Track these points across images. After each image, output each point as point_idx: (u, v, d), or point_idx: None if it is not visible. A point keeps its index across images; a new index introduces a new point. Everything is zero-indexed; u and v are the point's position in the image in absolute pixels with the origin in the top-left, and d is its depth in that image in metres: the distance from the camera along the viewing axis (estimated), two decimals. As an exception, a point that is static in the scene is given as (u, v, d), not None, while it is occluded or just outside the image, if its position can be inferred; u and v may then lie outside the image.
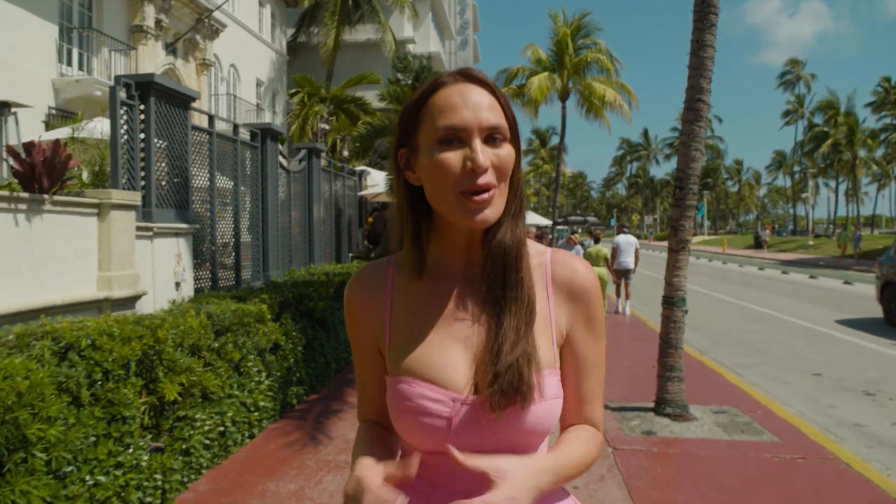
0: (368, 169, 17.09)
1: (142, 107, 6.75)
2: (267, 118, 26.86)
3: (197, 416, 4.56)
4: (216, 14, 20.99)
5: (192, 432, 4.48)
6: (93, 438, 3.53)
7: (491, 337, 1.17)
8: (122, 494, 3.71)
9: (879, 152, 64.08)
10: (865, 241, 39.03)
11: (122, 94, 6.50)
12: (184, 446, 4.40)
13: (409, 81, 25.94)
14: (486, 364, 1.16)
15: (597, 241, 15.60)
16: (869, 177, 70.46)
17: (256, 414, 5.48)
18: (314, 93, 19.45)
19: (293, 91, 20.05)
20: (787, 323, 13.73)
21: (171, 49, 19.45)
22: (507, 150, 1.16)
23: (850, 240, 34.97)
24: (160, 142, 7.05)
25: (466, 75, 1.18)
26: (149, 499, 3.97)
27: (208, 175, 8.18)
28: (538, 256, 1.28)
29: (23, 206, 5.17)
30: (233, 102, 23.32)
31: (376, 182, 16.40)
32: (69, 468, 3.31)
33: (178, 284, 7.21)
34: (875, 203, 77.05)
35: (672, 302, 6.20)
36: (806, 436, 5.85)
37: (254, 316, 5.67)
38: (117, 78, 6.58)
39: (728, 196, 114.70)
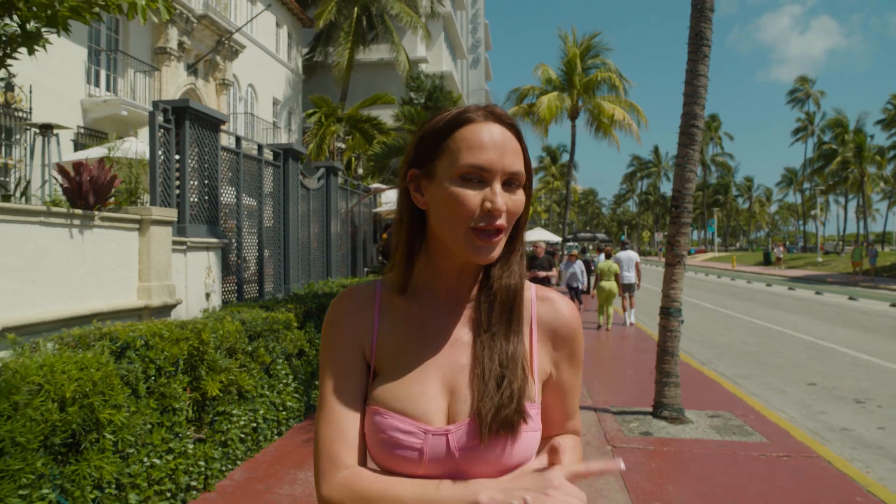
0: (383, 186, 17.67)
1: (177, 130, 7.29)
2: (283, 136, 27.54)
3: (234, 411, 5.05)
4: (236, 36, 21.68)
5: (229, 426, 4.97)
6: (149, 426, 4.03)
7: (485, 368, 1.17)
8: (173, 476, 4.21)
9: (889, 169, 64.25)
10: (879, 257, 39.24)
11: (160, 118, 7.04)
12: (222, 438, 4.89)
13: (422, 101, 26.65)
14: (473, 393, 1.16)
15: (607, 256, 16.07)
16: (880, 194, 70.57)
17: (284, 413, 5.97)
18: (331, 112, 20.10)
19: (311, 111, 20.69)
20: (789, 337, 14.11)
21: (192, 70, 20.13)
22: (521, 197, 1.18)
23: (866, 256, 35.16)
24: (193, 162, 7.59)
25: (496, 115, 1.19)
26: (194, 482, 4.46)
27: (235, 193, 8.71)
28: (526, 289, 1.30)
29: (77, 222, 5.71)
30: (251, 121, 23.96)
31: (390, 199, 16.96)
32: (131, 450, 3.81)
33: (207, 295, 7.72)
34: (885, 220, 77.07)
35: (669, 312, 6.66)
36: (793, 437, 6.29)
37: (282, 323, 6.17)
38: (155, 103, 7.13)
39: (738, 213, 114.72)
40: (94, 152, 9.69)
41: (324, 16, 26.70)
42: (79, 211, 5.76)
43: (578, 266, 16.99)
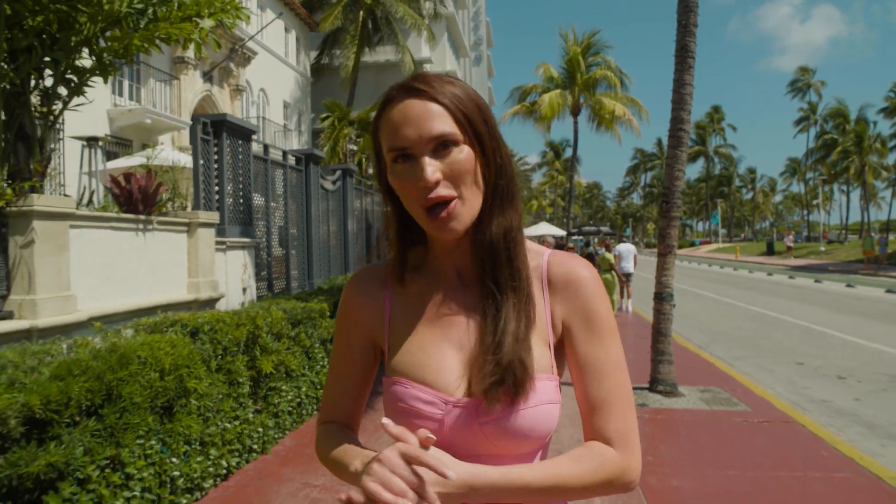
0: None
1: (215, 140, 8.07)
2: (294, 138, 28.38)
3: (283, 387, 5.84)
4: (248, 43, 22.49)
5: (279, 400, 5.76)
6: (220, 396, 4.81)
7: (489, 332, 1.16)
8: (240, 439, 5.01)
9: (892, 159, 64.72)
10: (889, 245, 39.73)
11: (201, 131, 7.83)
12: (275, 410, 5.68)
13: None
14: (481, 361, 1.14)
15: (607, 249, 16.88)
16: (884, 182, 70.99)
17: (322, 391, 6.77)
18: (343, 116, 20.97)
19: (324, 115, 21.55)
20: (784, 322, 14.86)
21: (207, 77, 20.97)
22: (461, 155, 1.12)
23: (877, 244, 35.55)
24: (228, 170, 8.37)
25: (408, 88, 1.14)
26: (255, 445, 5.25)
27: (264, 196, 9.50)
28: (536, 258, 1.25)
29: (139, 226, 6.50)
30: (263, 124, 24.77)
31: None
32: (209, 414, 4.60)
33: (244, 290, 8.51)
34: (890, 208, 77.49)
35: (662, 297, 7.42)
36: (775, 407, 7.05)
37: (317, 312, 6.95)
38: (195, 117, 7.91)
39: (742, 204, 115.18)
40: (137, 160, 10.48)
41: (329, 20, 27.51)
42: (142, 216, 6.55)
43: None
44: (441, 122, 1.11)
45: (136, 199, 7.60)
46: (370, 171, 20.73)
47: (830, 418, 7.02)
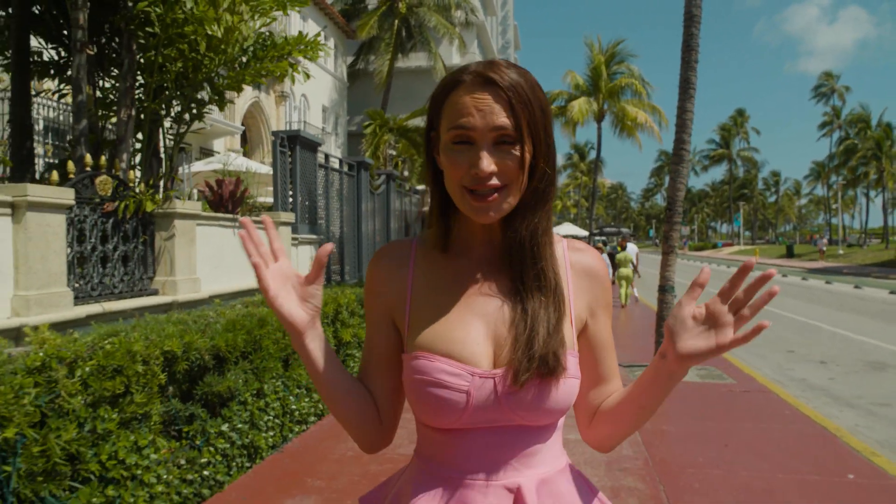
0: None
1: (290, 152, 9.62)
2: (331, 140, 30.04)
3: (356, 354, 7.36)
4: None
5: (353, 364, 7.28)
6: (317, 355, 6.33)
7: (518, 319, 1.20)
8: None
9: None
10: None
11: (279, 145, 9.39)
12: (350, 371, 7.20)
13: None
14: (511, 344, 1.18)
15: (623, 248, 18.39)
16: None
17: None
18: (384, 124, 22.63)
19: (367, 123, 23.25)
20: (784, 318, 16.18)
21: (256, 85, 22.63)
22: (517, 154, 1.16)
23: None
24: (301, 177, 9.93)
25: (482, 75, 1.16)
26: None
27: (325, 198, 11.05)
28: (556, 243, 1.30)
29: (237, 224, 8.06)
30: (304, 128, 26.42)
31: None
32: (311, 368, 6.13)
33: (310, 278, 10.06)
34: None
35: (665, 289, 8.85)
36: (757, 381, 8.45)
37: (378, 297, 8.47)
38: (275, 133, 9.48)
39: (766, 207, 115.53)
40: (212, 165, 12.09)
41: (366, 29, 29.10)
42: (239, 216, 8.11)
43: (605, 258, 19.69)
44: (506, 117, 1.14)
45: (227, 201, 9.18)
46: (405, 173, 22.43)
47: (804, 392, 8.41)
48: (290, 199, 9.68)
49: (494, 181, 1.15)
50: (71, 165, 5.49)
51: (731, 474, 5.08)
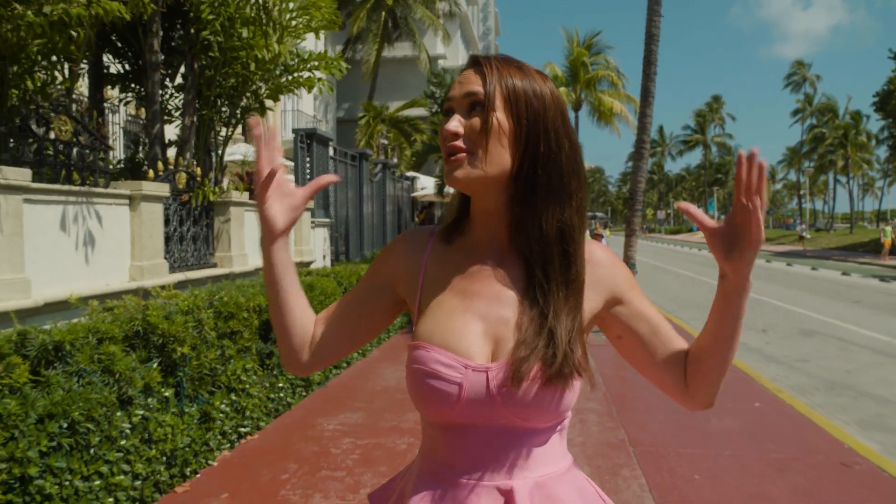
0: (419, 175, 21.87)
1: (307, 147, 11.15)
2: (322, 126, 31.46)
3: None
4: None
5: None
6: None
7: (536, 316, 1.19)
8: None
9: (882, 152, 67.07)
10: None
11: (299, 141, 10.92)
12: (369, 331, 8.83)
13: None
14: (515, 342, 1.17)
15: (599, 237, 20.03)
16: (878, 173, 73.63)
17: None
18: (377, 115, 24.17)
19: (361, 115, 24.78)
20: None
21: (255, 75, 24.04)
22: (483, 119, 1.17)
23: (894, 234, 34.99)
24: (316, 169, 11.47)
25: (472, 57, 1.25)
26: (369, 346, 8.39)
27: (334, 186, 12.61)
28: None
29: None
30: (297, 116, 27.79)
31: (425, 185, 21.00)
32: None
33: (324, 256, 11.63)
34: (881, 199, 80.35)
35: (627, 266, 10.51)
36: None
37: (387, 271, 10.10)
38: (295, 131, 11.01)
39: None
40: (236, 156, 13.60)
41: (356, 23, 30.45)
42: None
43: None
44: (479, 87, 1.18)
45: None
46: (395, 160, 24.00)
47: (741, 353, 10.09)
48: (308, 188, 11.21)
49: (460, 143, 1.18)
50: (160, 165, 7.03)
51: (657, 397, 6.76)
